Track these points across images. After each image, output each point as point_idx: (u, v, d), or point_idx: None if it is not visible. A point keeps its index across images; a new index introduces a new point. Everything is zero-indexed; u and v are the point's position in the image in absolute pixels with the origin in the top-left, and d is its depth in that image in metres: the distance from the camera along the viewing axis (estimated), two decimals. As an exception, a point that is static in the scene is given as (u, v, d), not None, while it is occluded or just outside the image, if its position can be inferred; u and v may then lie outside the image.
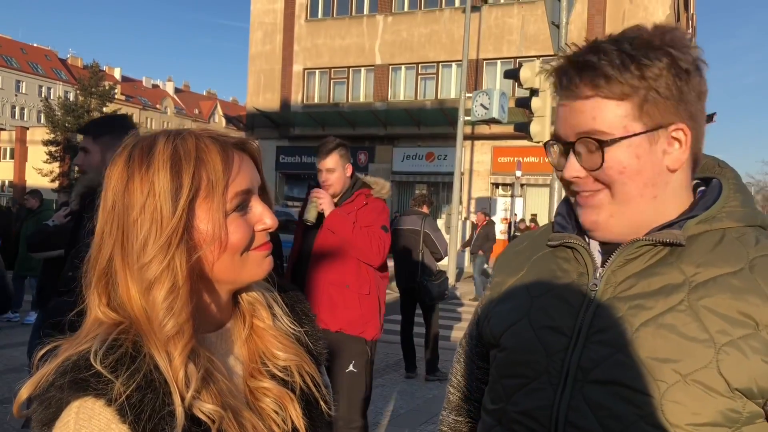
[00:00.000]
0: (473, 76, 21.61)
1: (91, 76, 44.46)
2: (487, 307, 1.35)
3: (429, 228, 7.07)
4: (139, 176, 0.92)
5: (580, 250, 1.19)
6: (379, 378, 6.91)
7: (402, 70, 24.07)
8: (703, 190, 1.20)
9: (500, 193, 22.74)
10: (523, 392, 1.17)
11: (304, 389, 1.06)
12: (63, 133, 41.90)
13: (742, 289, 1.03)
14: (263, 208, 1.01)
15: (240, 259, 0.98)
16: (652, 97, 1.06)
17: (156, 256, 0.90)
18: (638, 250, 1.12)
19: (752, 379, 0.99)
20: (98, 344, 0.87)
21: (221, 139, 0.98)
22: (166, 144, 0.93)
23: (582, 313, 1.13)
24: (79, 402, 0.83)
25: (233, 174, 0.96)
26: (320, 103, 25.23)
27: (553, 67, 1.16)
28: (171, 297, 0.90)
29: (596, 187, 1.12)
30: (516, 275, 1.31)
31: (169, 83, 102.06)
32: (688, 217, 1.12)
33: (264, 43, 26.08)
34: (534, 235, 1.39)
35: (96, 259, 0.94)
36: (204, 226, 0.93)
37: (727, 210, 1.13)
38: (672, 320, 1.04)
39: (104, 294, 0.93)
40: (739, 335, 1.00)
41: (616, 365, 1.06)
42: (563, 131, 1.14)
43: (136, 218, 0.91)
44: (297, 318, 1.13)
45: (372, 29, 24.24)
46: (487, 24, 21.97)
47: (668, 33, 1.09)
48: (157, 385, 0.86)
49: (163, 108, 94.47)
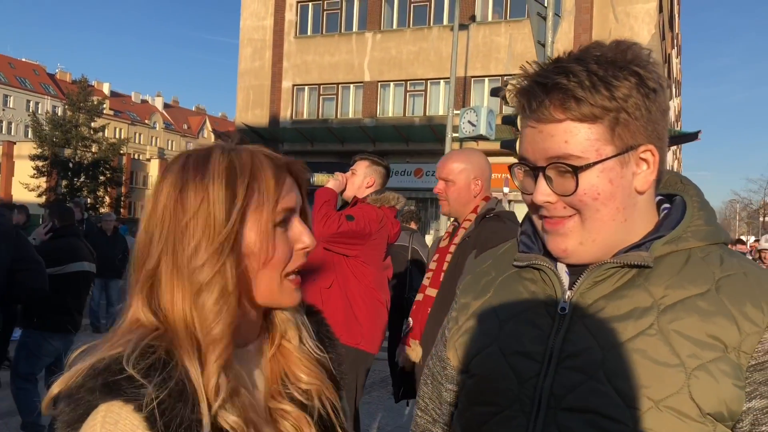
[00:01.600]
0: (461, 94, 21.74)
1: (79, 91, 44.43)
2: (454, 331, 1.31)
3: (417, 244, 7.07)
4: (194, 185, 0.94)
5: (547, 272, 1.16)
6: (366, 395, 6.87)
7: (391, 86, 24.18)
8: (667, 208, 1.18)
9: (488, 210, 22.78)
10: (496, 421, 1.14)
11: (323, 414, 1.06)
12: (50, 148, 41.70)
13: (710, 311, 1.02)
14: (303, 228, 1.03)
15: (278, 281, 1.00)
16: (623, 118, 1.04)
17: (208, 260, 0.92)
18: (606, 272, 1.10)
19: (723, 402, 0.98)
20: (131, 348, 0.88)
21: (274, 157, 1.01)
22: (222, 156, 0.97)
23: (552, 338, 1.11)
24: (106, 405, 0.84)
25: (283, 191, 0.99)
26: (309, 119, 25.25)
27: (517, 87, 1.11)
28: (221, 302, 0.92)
29: (566, 213, 1.09)
30: (482, 297, 1.27)
31: (158, 98, 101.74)
32: (654, 238, 1.11)
33: (253, 60, 26.13)
34: (497, 253, 1.35)
35: (143, 261, 0.95)
36: (252, 236, 0.96)
37: (692, 229, 1.12)
38: (642, 345, 1.03)
39: (146, 296, 0.95)
40: (709, 359, 0.99)
41: (588, 392, 1.04)
42: (532, 155, 1.10)
43: (188, 223, 0.93)
44: (321, 341, 1.13)
45: (361, 46, 24.37)
46: (474, 42, 22.15)
47: (629, 50, 1.07)
48: (188, 394, 0.86)
49: (152, 123, 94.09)
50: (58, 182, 41.90)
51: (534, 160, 1.10)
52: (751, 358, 1.00)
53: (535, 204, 1.12)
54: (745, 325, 1.00)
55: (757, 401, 0.99)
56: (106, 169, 42.93)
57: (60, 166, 41.79)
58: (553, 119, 1.06)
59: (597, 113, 1.04)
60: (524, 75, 1.11)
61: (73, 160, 42.36)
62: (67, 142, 42.47)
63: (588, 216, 1.08)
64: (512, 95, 1.15)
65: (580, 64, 1.05)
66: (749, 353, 1.00)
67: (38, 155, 41.62)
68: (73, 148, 42.63)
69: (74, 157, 42.52)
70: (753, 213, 72.94)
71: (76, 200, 19.43)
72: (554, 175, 1.08)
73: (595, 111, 1.04)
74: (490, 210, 3.07)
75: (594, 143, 1.05)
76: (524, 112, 1.10)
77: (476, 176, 3.10)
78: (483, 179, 3.13)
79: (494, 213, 3.05)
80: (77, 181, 41.74)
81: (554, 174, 1.08)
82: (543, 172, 1.09)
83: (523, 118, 1.11)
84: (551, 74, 1.06)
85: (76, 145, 42.82)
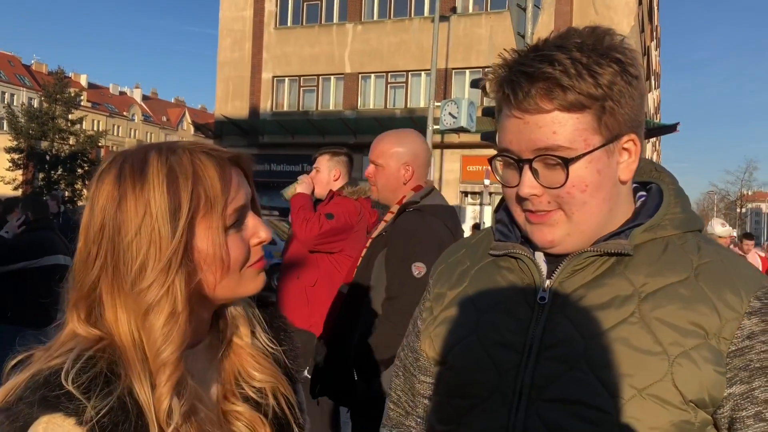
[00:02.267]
0: (442, 86, 21.74)
1: (56, 82, 43.72)
2: (429, 322, 1.28)
3: (397, 236, 7.07)
4: (133, 196, 0.87)
5: (525, 260, 1.14)
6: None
7: (372, 78, 24.10)
8: (642, 196, 1.18)
9: (469, 202, 22.86)
10: (475, 413, 1.12)
11: (277, 412, 1.03)
12: (26, 141, 41.07)
13: (690, 298, 1.02)
14: (257, 222, 0.98)
15: (237, 276, 0.95)
16: (610, 106, 1.02)
17: (156, 280, 0.86)
18: (585, 261, 1.09)
19: (705, 389, 0.98)
20: (72, 361, 0.83)
21: (216, 154, 0.94)
22: (160, 161, 0.90)
23: (532, 328, 1.09)
24: (47, 417, 0.81)
25: (232, 190, 0.93)
26: (290, 111, 25.11)
27: (499, 77, 1.08)
28: (170, 323, 0.87)
29: (551, 206, 1.07)
30: (458, 287, 1.24)
31: (136, 90, 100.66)
32: (633, 226, 1.10)
33: (233, 51, 25.89)
34: (470, 243, 1.32)
35: (81, 280, 0.90)
36: (204, 245, 0.90)
37: (670, 217, 1.11)
38: (625, 333, 1.02)
39: (84, 312, 0.90)
40: (690, 346, 0.99)
41: (570, 382, 1.03)
42: (516, 146, 1.07)
43: (131, 241, 0.87)
44: (275, 335, 1.10)
45: (341, 38, 24.25)
46: (455, 34, 22.14)
47: (607, 36, 1.05)
48: (130, 409, 0.83)
49: (131, 115, 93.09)
50: (34, 175, 41.31)
51: (518, 152, 1.07)
52: (731, 344, 1.00)
53: (519, 197, 1.09)
54: (725, 312, 1.01)
55: (737, 387, 0.99)
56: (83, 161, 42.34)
57: (37, 159, 41.19)
58: (541, 109, 1.03)
59: (585, 102, 1.02)
60: (504, 64, 1.08)
61: (50, 152, 41.77)
62: (43, 134, 41.85)
63: (576, 209, 1.06)
64: (492, 85, 1.09)
65: (562, 52, 1.02)
66: (729, 339, 1.00)
67: (14, 148, 40.94)
68: (50, 140, 42.04)
69: (51, 149, 41.94)
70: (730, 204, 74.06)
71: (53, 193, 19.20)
72: (541, 167, 1.06)
73: (583, 99, 1.01)
74: (413, 203, 2.76)
75: (582, 133, 1.03)
76: (508, 102, 1.06)
77: (408, 161, 2.80)
78: (416, 165, 2.82)
79: (417, 206, 2.75)
80: (54, 174, 41.16)
81: (541, 166, 1.06)
82: (530, 164, 1.06)
83: (505, 108, 1.07)
84: (535, 63, 1.02)
85: (53, 137, 42.22)
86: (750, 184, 68.38)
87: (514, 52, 1.09)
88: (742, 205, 69.54)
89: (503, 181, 1.13)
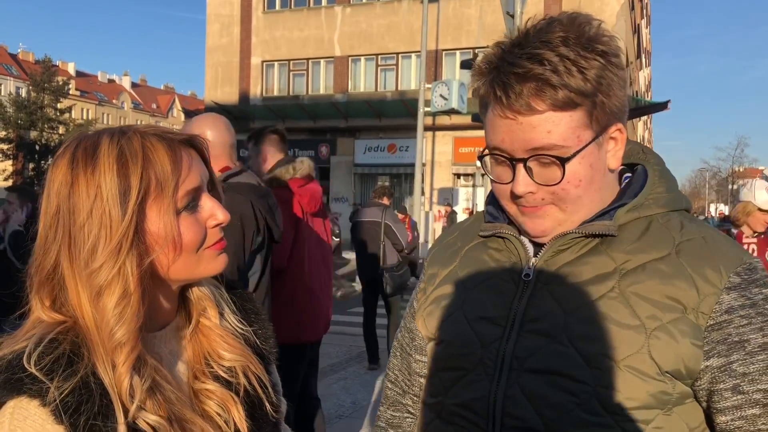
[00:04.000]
0: (433, 67, 21.65)
1: (43, 71, 43.45)
2: (422, 301, 1.33)
3: (390, 219, 7.08)
4: (85, 179, 0.89)
5: (512, 240, 1.18)
6: (342, 371, 6.91)
7: (362, 61, 23.99)
8: (628, 177, 1.20)
9: (462, 183, 22.88)
10: (461, 384, 1.16)
11: (249, 390, 1.05)
12: (15, 131, 40.81)
13: (669, 274, 1.05)
14: (213, 203, 0.99)
15: (195, 257, 0.96)
16: (600, 101, 1.03)
17: (106, 261, 0.87)
18: (570, 242, 1.12)
19: (681, 360, 1.01)
20: (34, 344, 0.85)
21: (168, 137, 0.95)
22: (111, 144, 0.91)
23: (515, 303, 1.13)
24: (14, 402, 0.82)
25: (183, 173, 0.94)
26: (280, 96, 25.00)
27: (488, 79, 1.06)
28: (122, 304, 0.88)
29: (545, 202, 1.10)
30: (449, 267, 1.29)
31: (125, 78, 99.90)
32: (617, 206, 1.12)
33: (221, 36, 25.70)
34: (464, 225, 1.37)
35: (40, 264, 0.91)
36: (155, 228, 0.91)
37: (654, 196, 1.14)
38: (604, 308, 1.05)
39: (48, 298, 0.91)
40: (668, 320, 1.02)
41: (551, 354, 1.06)
42: (510, 145, 1.07)
43: (83, 223, 0.88)
44: (246, 317, 1.12)
45: (330, 20, 24.09)
46: (445, 15, 22.02)
47: (588, 26, 1.05)
48: (94, 388, 0.84)
49: (120, 103, 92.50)
50: (24, 165, 41.12)
51: (512, 151, 1.07)
52: (710, 318, 1.02)
53: (514, 194, 1.10)
54: (704, 287, 1.03)
55: (714, 360, 1.02)
56: (74, 151, 42.13)
57: (26, 149, 41.00)
58: (534, 110, 1.02)
59: (576, 99, 1.02)
60: (490, 62, 1.07)
61: (40, 142, 41.55)
62: (32, 124, 41.63)
63: (569, 202, 1.09)
64: (480, 84, 1.08)
65: (549, 48, 1.01)
66: (708, 314, 1.02)
67: (3, 138, 40.77)
68: (39, 130, 41.82)
69: (40, 139, 41.73)
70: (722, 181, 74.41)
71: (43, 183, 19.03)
72: (535, 165, 1.07)
73: (574, 97, 1.01)
74: None
75: (575, 130, 1.04)
76: (499, 102, 1.05)
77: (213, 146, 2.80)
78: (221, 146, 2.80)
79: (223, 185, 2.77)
80: (44, 164, 40.94)
81: (535, 164, 1.07)
82: (524, 163, 1.07)
83: (495, 108, 1.07)
84: (524, 62, 1.02)
85: (42, 127, 42.00)
86: (741, 160, 68.67)
87: (497, 47, 1.08)
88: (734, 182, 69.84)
89: (494, 178, 1.14)
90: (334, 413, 5.43)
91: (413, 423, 1.40)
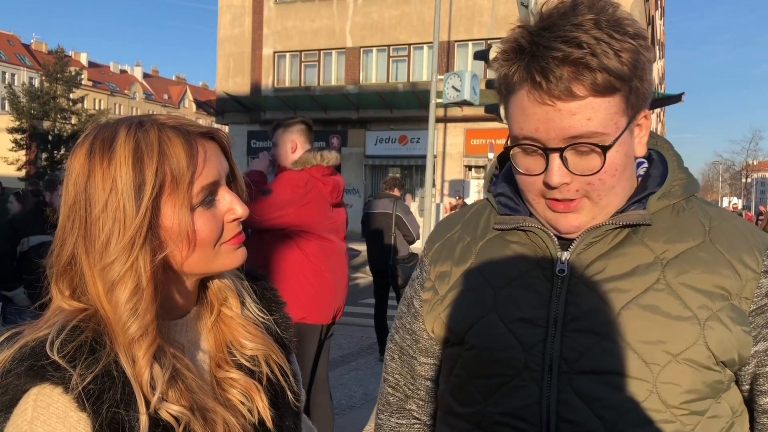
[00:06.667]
0: (445, 58, 21.54)
1: (56, 61, 43.56)
2: (435, 302, 1.23)
3: (400, 211, 7.06)
4: (101, 171, 0.88)
5: (539, 234, 1.11)
6: (353, 362, 6.92)
7: (373, 52, 23.91)
8: (641, 162, 1.17)
9: (473, 176, 22.79)
10: (503, 392, 1.09)
11: (272, 379, 1.05)
12: (28, 121, 41.01)
13: (711, 261, 1.04)
14: (232, 198, 0.97)
15: (212, 252, 0.95)
16: (635, 85, 0.99)
17: (119, 256, 0.87)
18: (603, 234, 1.08)
19: (735, 349, 1.01)
20: (56, 331, 0.85)
21: (185, 130, 0.94)
22: (127, 137, 0.90)
23: (554, 301, 1.07)
24: (37, 389, 0.82)
25: (198, 167, 0.92)
26: (291, 87, 24.98)
27: (520, 61, 1.00)
28: (135, 299, 0.87)
29: (578, 194, 1.04)
30: (464, 264, 1.20)
31: (137, 68, 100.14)
32: (646, 194, 1.09)
33: (233, 26, 25.68)
34: (463, 218, 1.28)
35: (59, 254, 0.91)
36: (169, 223, 0.90)
37: (678, 183, 1.12)
38: (653, 300, 1.02)
39: (68, 288, 0.91)
40: (718, 308, 1.01)
41: (603, 353, 1.02)
42: (544, 135, 1.01)
43: (98, 216, 0.88)
44: (266, 306, 1.11)
45: (342, 11, 24.00)
46: (457, 5, 21.88)
47: (610, 7, 1.00)
48: (116, 376, 0.85)
49: (132, 94, 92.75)
50: (37, 155, 41.32)
51: (546, 140, 1.01)
52: (752, 303, 1.02)
53: (547, 185, 1.04)
54: (744, 272, 1.03)
55: (761, 344, 1.03)
56: (86, 141, 42.29)
57: (39, 139, 41.16)
58: (574, 96, 0.97)
59: (615, 84, 0.97)
60: (518, 46, 1.00)
61: (53, 132, 41.71)
62: (45, 114, 41.78)
63: (603, 194, 1.04)
64: (508, 69, 1.01)
65: (582, 31, 0.96)
66: (750, 298, 1.02)
67: (16, 128, 40.92)
68: (52, 120, 41.98)
69: (53, 129, 41.88)
70: (735, 174, 73.76)
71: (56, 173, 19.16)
72: (571, 154, 1.01)
73: (614, 81, 0.97)
74: None
75: (613, 116, 1.00)
76: (538, 88, 0.98)
77: None
78: None
79: None
80: (57, 154, 41.11)
81: (571, 153, 1.01)
82: (561, 153, 1.01)
83: (531, 93, 1.00)
84: (560, 45, 0.96)
85: (54, 117, 42.14)
86: (755, 153, 68.11)
87: (522, 29, 1.01)
88: (748, 175, 69.23)
89: (523, 170, 1.07)
90: (345, 404, 5.45)
91: (421, 429, 1.33)
